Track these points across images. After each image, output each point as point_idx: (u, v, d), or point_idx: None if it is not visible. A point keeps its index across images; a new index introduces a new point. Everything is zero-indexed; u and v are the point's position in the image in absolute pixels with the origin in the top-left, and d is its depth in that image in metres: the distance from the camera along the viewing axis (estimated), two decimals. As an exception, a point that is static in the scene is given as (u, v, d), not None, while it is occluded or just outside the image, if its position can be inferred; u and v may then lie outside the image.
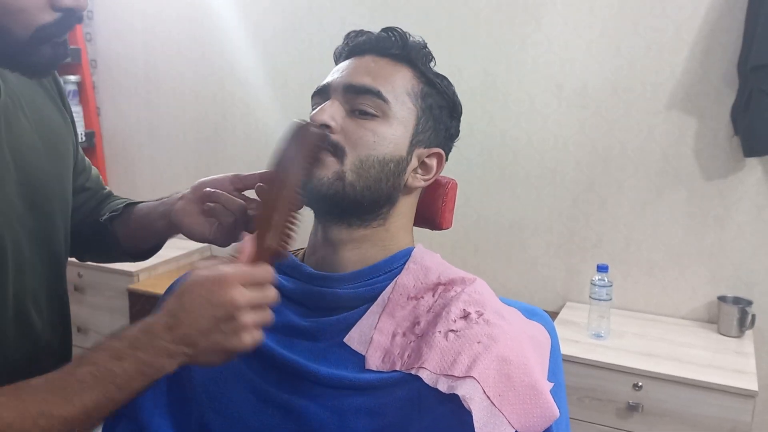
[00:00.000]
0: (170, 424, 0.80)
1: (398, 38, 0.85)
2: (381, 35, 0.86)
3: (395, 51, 0.85)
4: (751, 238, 1.96)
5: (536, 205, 2.21)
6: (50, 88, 0.97)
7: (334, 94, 0.83)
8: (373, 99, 0.81)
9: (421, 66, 0.86)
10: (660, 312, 2.11)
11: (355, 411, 0.73)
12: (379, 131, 0.81)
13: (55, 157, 0.93)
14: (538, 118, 2.16)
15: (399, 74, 0.84)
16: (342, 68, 0.85)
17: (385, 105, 0.81)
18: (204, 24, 2.64)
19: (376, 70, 0.83)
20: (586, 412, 1.78)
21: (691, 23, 1.93)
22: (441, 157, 0.87)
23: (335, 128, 0.80)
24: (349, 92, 0.82)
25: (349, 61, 0.86)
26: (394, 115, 0.82)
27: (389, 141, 0.81)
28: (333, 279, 0.83)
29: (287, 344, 0.79)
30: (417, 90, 0.84)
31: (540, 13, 2.10)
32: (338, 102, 0.82)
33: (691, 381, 1.66)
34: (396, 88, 0.83)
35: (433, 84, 0.86)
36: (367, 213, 0.83)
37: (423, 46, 0.87)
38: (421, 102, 0.84)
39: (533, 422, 0.68)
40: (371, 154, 0.80)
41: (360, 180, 0.79)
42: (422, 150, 0.85)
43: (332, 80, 0.84)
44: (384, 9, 2.30)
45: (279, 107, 2.57)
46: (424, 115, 0.84)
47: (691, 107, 1.97)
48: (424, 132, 0.85)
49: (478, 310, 0.76)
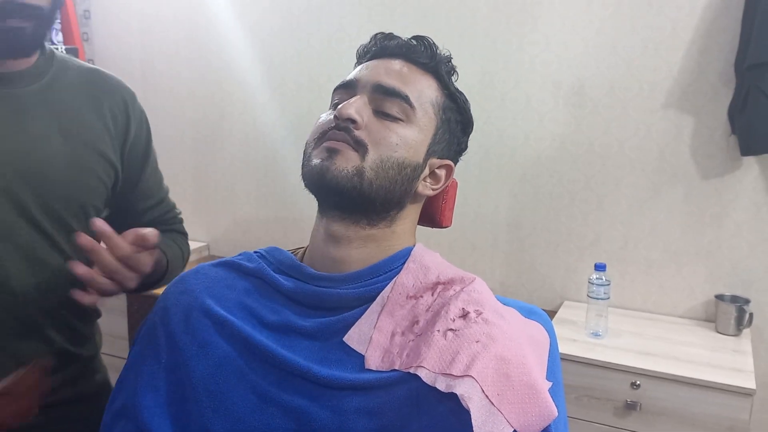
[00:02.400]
0: (170, 424, 0.80)
1: (428, 48, 0.87)
2: (412, 42, 0.88)
3: (424, 60, 0.87)
4: (749, 237, 1.96)
5: (534, 204, 2.22)
6: (110, 106, 1.07)
7: (361, 90, 0.84)
8: (400, 103, 0.82)
9: (446, 79, 0.88)
10: (658, 310, 2.11)
11: (355, 411, 0.73)
12: (402, 134, 0.82)
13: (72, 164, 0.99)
14: (535, 116, 2.16)
15: (426, 83, 0.86)
16: (371, 66, 0.86)
17: (411, 110, 0.82)
18: (201, 24, 2.64)
19: (405, 75, 0.84)
20: (584, 411, 1.79)
21: (688, 22, 1.93)
22: (450, 170, 0.89)
23: (360, 124, 0.81)
24: (377, 92, 0.83)
25: (377, 61, 0.87)
26: (417, 122, 0.83)
27: (410, 146, 0.82)
28: (333, 279, 0.83)
29: (287, 344, 0.79)
30: (440, 102, 0.86)
31: (537, 12, 2.10)
32: (366, 99, 0.83)
33: (689, 379, 1.66)
34: (422, 96, 0.84)
35: (455, 98, 0.88)
36: (376, 213, 0.83)
37: (449, 59, 0.89)
38: (441, 114, 0.86)
39: (532, 421, 0.68)
40: (392, 156, 0.81)
41: (378, 179, 0.80)
42: (435, 160, 0.86)
43: (361, 76, 0.85)
44: (382, 8, 2.30)
45: (277, 107, 2.57)
46: (442, 126, 0.86)
47: (688, 106, 1.97)
48: (440, 143, 0.86)
49: (477, 310, 0.76)
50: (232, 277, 0.88)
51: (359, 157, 0.79)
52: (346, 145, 0.80)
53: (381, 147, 0.80)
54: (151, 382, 0.82)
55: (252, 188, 2.69)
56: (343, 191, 0.79)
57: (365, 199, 0.80)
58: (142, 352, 0.86)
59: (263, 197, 2.67)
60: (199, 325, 0.83)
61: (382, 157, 0.80)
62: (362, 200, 0.80)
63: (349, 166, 0.79)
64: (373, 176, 0.80)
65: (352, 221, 0.83)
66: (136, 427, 0.80)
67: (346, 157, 0.79)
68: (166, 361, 0.83)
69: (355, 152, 0.80)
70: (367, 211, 0.82)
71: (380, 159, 0.80)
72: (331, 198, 0.82)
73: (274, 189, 2.63)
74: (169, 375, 0.82)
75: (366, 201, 0.81)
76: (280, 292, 0.85)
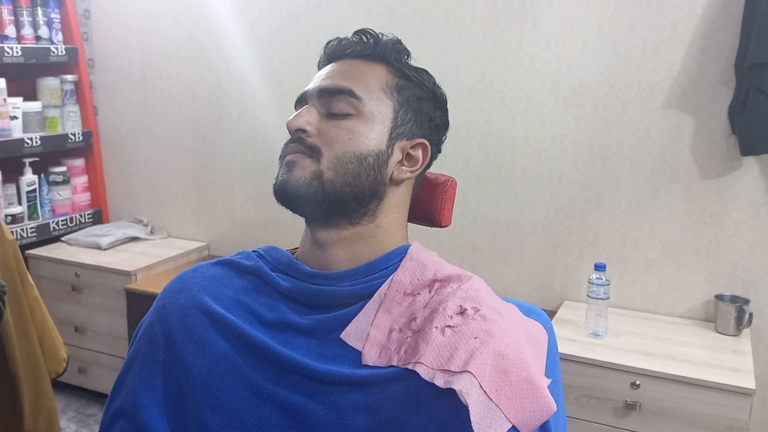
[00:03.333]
0: (167, 422, 0.80)
1: (370, 39, 0.88)
2: (354, 39, 0.89)
3: (368, 51, 0.88)
4: (748, 237, 1.96)
5: (533, 204, 2.22)
6: None
7: (310, 100, 0.86)
8: (346, 98, 0.83)
9: (394, 62, 0.88)
10: (657, 310, 2.11)
11: (353, 407, 0.73)
12: (354, 128, 0.82)
13: None
14: (535, 116, 2.16)
15: (372, 72, 0.86)
16: (317, 76, 0.88)
17: (359, 102, 0.83)
18: (201, 24, 2.64)
19: (349, 71, 0.86)
20: (583, 411, 1.78)
21: (688, 21, 1.93)
22: (426, 147, 0.88)
23: (311, 131, 0.82)
24: (323, 95, 0.84)
25: (325, 68, 0.89)
26: (370, 112, 0.83)
27: (365, 136, 0.82)
28: (329, 277, 0.83)
29: (284, 341, 0.79)
30: (392, 84, 0.86)
31: (537, 12, 2.10)
32: (315, 107, 0.84)
33: (688, 379, 1.66)
34: (369, 85, 0.84)
35: (409, 77, 0.88)
36: (352, 211, 0.83)
37: (396, 42, 0.89)
38: (397, 95, 0.86)
39: (530, 417, 0.67)
40: (347, 151, 0.81)
41: (338, 176, 0.80)
42: (405, 142, 0.86)
43: (309, 87, 0.87)
44: (380, 8, 2.30)
45: (276, 107, 2.57)
46: (402, 107, 0.86)
47: (687, 106, 1.97)
48: (404, 124, 0.86)
49: (474, 306, 0.76)
50: (230, 276, 0.89)
51: (314, 162, 0.81)
52: (300, 155, 0.81)
53: (334, 146, 0.81)
54: (148, 380, 0.82)
55: (251, 188, 2.69)
56: (307, 198, 0.80)
57: (334, 200, 0.81)
58: (139, 351, 0.86)
59: (262, 197, 2.67)
60: (197, 323, 0.83)
61: (337, 155, 0.81)
62: (331, 202, 0.81)
63: (306, 173, 0.80)
64: (333, 175, 0.80)
65: (332, 225, 0.83)
66: (135, 426, 0.80)
67: (302, 165, 0.81)
68: (164, 360, 0.83)
69: (309, 158, 0.81)
70: (343, 211, 0.83)
71: (336, 157, 0.81)
72: (302, 208, 0.83)
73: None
74: (167, 373, 0.82)
75: (335, 202, 0.81)
76: (277, 290, 0.85)
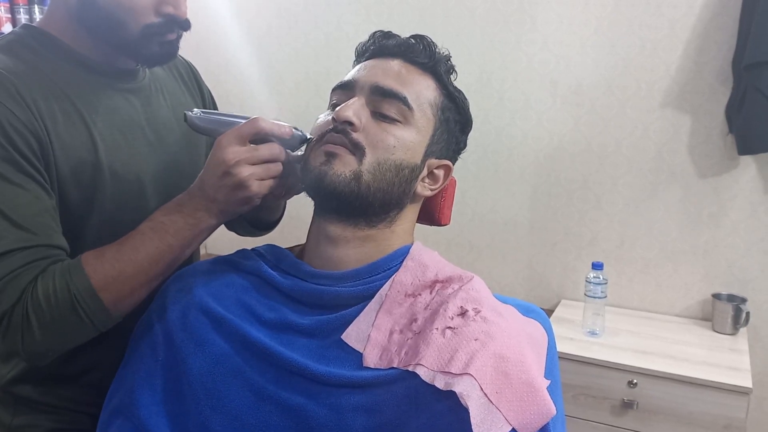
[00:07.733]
0: (167, 421, 0.80)
1: (427, 47, 0.86)
2: (410, 42, 0.87)
3: (423, 60, 0.86)
4: (746, 236, 1.97)
5: (531, 203, 2.22)
6: (186, 75, 1.13)
7: (359, 91, 0.84)
8: (398, 104, 0.82)
9: (445, 79, 0.87)
10: (655, 309, 2.11)
11: (353, 408, 0.73)
12: (401, 137, 0.82)
13: (189, 142, 1.05)
14: (533, 115, 2.16)
15: (424, 84, 0.85)
16: (369, 67, 0.86)
17: (409, 112, 0.82)
18: (199, 21, 2.62)
19: (404, 76, 0.84)
20: (581, 410, 1.79)
21: (686, 21, 1.93)
22: (449, 169, 0.89)
23: (358, 126, 0.81)
24: (375, 93, 0.83)
25: (376, 60, 0.87)
26: (415, 123, 0.83)
27: (407, 148, 0.82)
28: (332, 277, 0.83)
29: (285, 342, 0.79)
30: (438, 102, 0.86)
31: (535, 12, 2.10)
32: (364, 101, 0.83)
33: (685, 378, 1.67)
34: (420, 97, 0.84)
35: (453, 98, 0.88)
36: (375, 215, 0.83)
37: (448, 58, 0.88)
38: (440, 114, 0.86)
39: (530, 419, 0.67)
40: (389, 158, 0.81)
41: (375, 182, 0.80)
42: (433, 160, 0.86)
43: (359, 77, 0.85)
44: (379, 7, 2.30)
45: (274, 105, 2.56)
46: (441, 126, 0.86)
47: (685, 105, 1.98)
48: (438, 143, 0.86)
49: (475, 308, 0.76)
50: (230, 275, 0.88)
51: (356, 161, 0.80)
52: (343, 149, 0.80)
53: (378, 150, 0.80)
54: (148, 379, 0.82)
55: (249, 187, 2.68)
56: (341, 195, 0.79)
57: (363, 202, 0.81)
58: (139, 349, 0.86)
59: (261, 196, 2.66)
60: (197, 322, 0.82)
61: (379, 160, 0.80)
62: (360, 203, 0.81)
63: (347, 170, 0.79)
64: (371, 179, 0.80)
65: (350, 223, 0.83)
66: (133, 425, 0.80)
67: (344, 161, 0.80)
68: (164, 359, 0.83)
69: (352, 155, 0.80)
70: (366, 213, 0.83)
71: (377, 162, 0.80)
72: (330, 202, 0.82)
73: (271, 187, 2.62)
74: (167, 372, 0.82)
75: (364, 204, 0.81)
76: (277, 290, 0.85)
